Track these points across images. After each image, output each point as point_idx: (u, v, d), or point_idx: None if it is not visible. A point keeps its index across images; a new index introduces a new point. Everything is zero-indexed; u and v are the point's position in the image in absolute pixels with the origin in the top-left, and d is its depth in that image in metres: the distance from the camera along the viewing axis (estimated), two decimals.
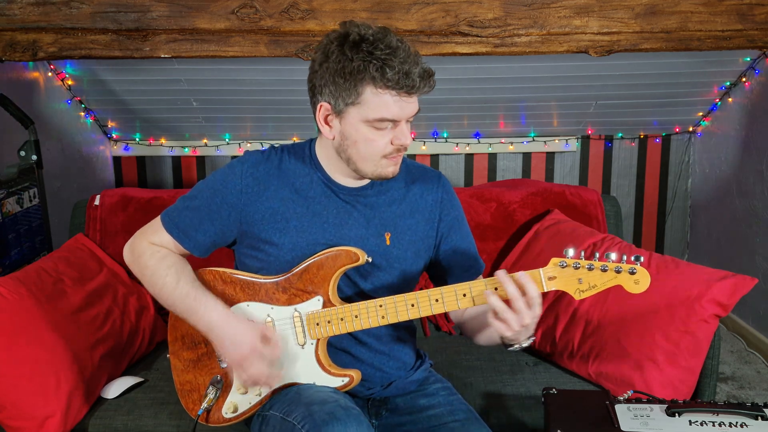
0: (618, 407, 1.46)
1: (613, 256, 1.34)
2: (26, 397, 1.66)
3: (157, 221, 1.54)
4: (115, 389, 1.85)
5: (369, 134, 1.38)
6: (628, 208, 3.90)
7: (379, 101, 1.35)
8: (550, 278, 1.35)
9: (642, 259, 1.33)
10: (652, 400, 1.49)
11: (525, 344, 1.40)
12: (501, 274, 1.32)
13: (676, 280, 1.86)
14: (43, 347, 1.72)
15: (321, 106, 1.41)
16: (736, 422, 1.37)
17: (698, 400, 1.79)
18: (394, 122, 1.38)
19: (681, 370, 1.79)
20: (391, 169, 1.43)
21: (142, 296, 2.19)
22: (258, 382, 1.44)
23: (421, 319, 2.29)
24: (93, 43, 2.46)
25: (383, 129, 1.38)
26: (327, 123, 1.42)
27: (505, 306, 1.32)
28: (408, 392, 1.58)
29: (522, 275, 1.32)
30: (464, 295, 1.39)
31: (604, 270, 1.33)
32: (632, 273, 1.33)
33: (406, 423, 1.52)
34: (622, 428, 1.38)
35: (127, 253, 1.56)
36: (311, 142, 1.54)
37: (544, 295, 1.41)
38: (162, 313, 2.24)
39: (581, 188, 2.47)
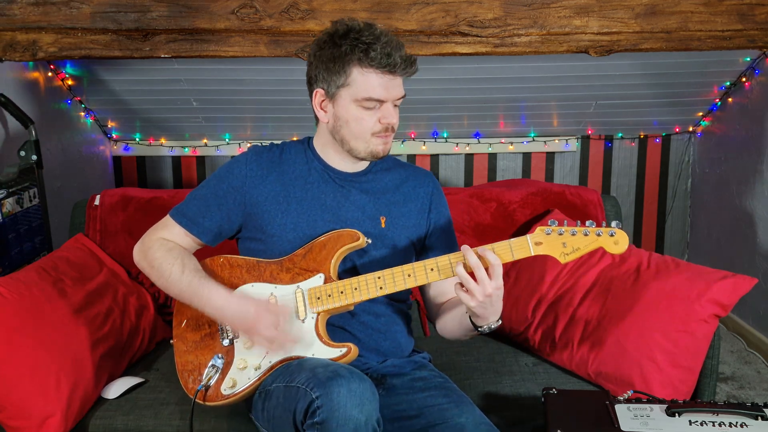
0: (618, 407, 1.46)
1: (594, 223, 1.44)
2: (26, 397, 1.66)
3: (166, 218, 1.64)
4: (115, 389, 1.85)
5: (358, 113, 1.52)
6: (628, 208, 3.90)
7: (366, 81, 1.49)
8: (536, 243, 1.45)
9: (620, 224, 1.44)
10: (652, 400, 1.49)
11: (493, 326, 1.48)
12: (464, 247, 1.42)
13: (676, 280, 1.86)
14: (44, 347, 1.72)
15: (316, 92, 1.56)
16: (736, 422, 1.37)
17: (698, 400, 1.79)
18: (381, 102, 1.51)
19: (681, 370, 1.79)
20: (381, 147, 1.56)
21: (142, 296, 2.19)
22: (273, 340, 1.49)
23: (421, 319, 2.29)
24: (93, 43, 2.46)
25: (371, 109, 1.51)
26: (322, 108, 1.57)
27: (469, 277, 1.40)
28: (404, 373, 1.64)
29: (483, 248, 1.43)
30: (458, 263, 1.46)
31: (585, 234, 1.44)
32: (611, 235, 1.43)
33: (402, 402, 1.56)
34: (622, 428, 1.38)
35: (137, 251, 1.64)
36: (309, 138, 1.68)
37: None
38: (162, 312, 2.24)
39: (581, 188, 2.47)
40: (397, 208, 1.65)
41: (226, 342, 1.57)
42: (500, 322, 1.49)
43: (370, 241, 1.56)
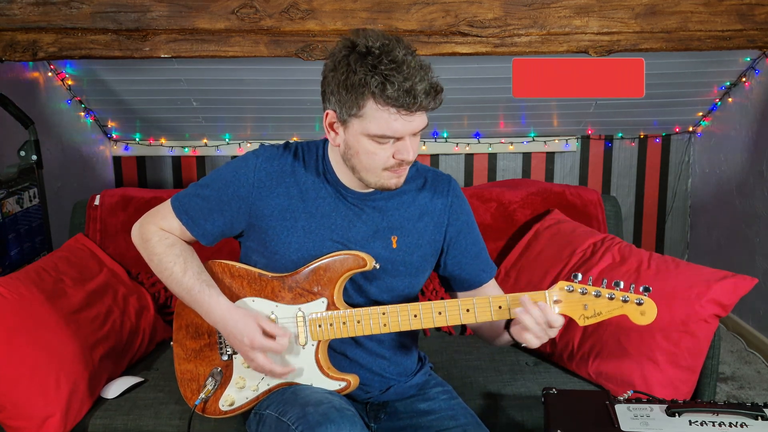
0: (618, 407, 1.46)
1: (622, 284, 1.35)
2: (26, 397, 1.66)
3: (167, 205, 1.55)
4: (115, 389, 1.85)
5: (370, 147, 1.37)
6: (628, 208, 3.90)
7: (380, 117, 1.33)
8: (555, 301, 1.37)
9: (650, 289, 1.34)
10: (652, 400, 1.49)
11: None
12: (526, 300, 1.36)
13: (676, 280, 1.86)
14: (44, 347, 1.72)
15: (327, 113, 1.41)
16: (736, 422, 1.37)
17: (698, 400, 1.79)
18: (397, 138, 1.36)
19: (681, 370, 1.79)
20: (393, 181, 1.42)
21: (142, 296, 2.19)
22: (261, 371, 1.47)
23: None
24: (93, 43, 2.46)
25: (385, 143, 1.36)
26: (333, 130, 1.42)
27: (534, 323, 1.35)
28: (407, 397, 1.59)
29: (545, 306, 1.35)
30: (467, 310, 1.41)
31: (611, 298, 1.35)
32: (639, 304, 1.34)
33: (406, 427, 1.52)
34: (622, 428, 1.38)
35: (136, 234, 1.57)
36: (325, 142, 1.53)
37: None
38: (162, 313, 2.24)
39: (581, 188, 2.47)
40: (411, 224, 1.52)
41: (225, 357, 1.54)
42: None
43: (378, 266, 1.46)
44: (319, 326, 1.45)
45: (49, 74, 3.09)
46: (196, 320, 1.57)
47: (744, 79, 3.23)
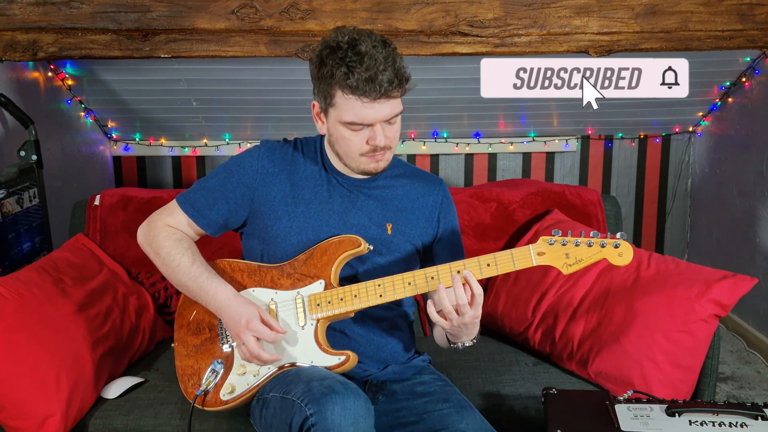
0: (618, 407, 1.46)
1: (599, 234, 1.43)
2: (26, 396, 1.66)
3: (172, 203, 1.63)
4: (115, 389, 1.85)
5: (346, 133, 1.49)
6: (628, 208, 3.90)
7: (348, 105, 1.44)
8: (539, 254, 1.45)
9: (625, 235, 1.43)
10: (652, 400, 1.49)
11: (467, 344, 1.53)
12: (467, 273, 1.42)
13: (676, 280, 1.86)
14: (44, 347, 1.72)
15: (313, 104, 1.55)
16: (736, 422, 1.37)
17: (698, 400, 1.79)
18: (368, 125, 1.46)
19: (681, 370, 1.79)
20: (372, 165, 1.53)
21: (141, 296, 2.19)
22: (249, 358, 1.50)
23: (421, 319, 2.29)
24: (93, 43, 2.46)
25: (358, 130, 1.47)
26: (319, 119, 1.56)
27: (452, 309, 1.42)
28: (405, 378, 1.63)
29: (471, 276, 1.43)
30: (458, 272, 1.46)
31: (589, 245, 1.43)
32: (616, 247, 1.42)
33: (402, 408, 1.56)
34: (622, 428, 1.38)
35: (142, 233, 1.63)
36: (322, 136, 1.64)
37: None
38: (162, 312, 2.24)
39: (581, 188, 2.47)
40: (404, 216, 1.63)
41: (226, 348, 1.57)
42: (475, 341, 1.53)
43: (372, 247, 1.54)
44: (318, 305, 1.51)
45: (49, 74, 3.09)
46: (197, 317, 1.61)
47: (744, 79, 3.23)
